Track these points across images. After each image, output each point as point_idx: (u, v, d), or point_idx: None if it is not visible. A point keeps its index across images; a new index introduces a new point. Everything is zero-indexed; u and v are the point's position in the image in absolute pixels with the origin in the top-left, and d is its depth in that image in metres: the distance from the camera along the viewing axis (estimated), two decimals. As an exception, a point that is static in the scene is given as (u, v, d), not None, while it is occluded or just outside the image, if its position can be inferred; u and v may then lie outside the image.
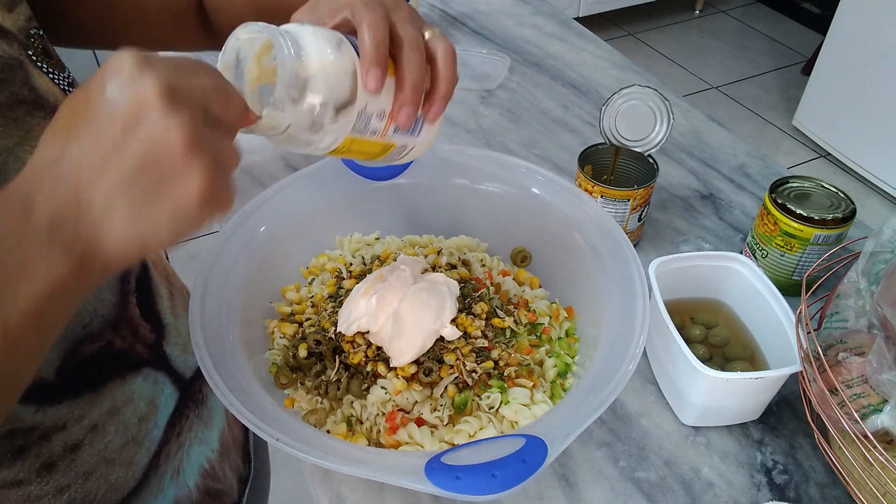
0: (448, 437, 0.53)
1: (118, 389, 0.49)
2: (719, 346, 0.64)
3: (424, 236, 0.71)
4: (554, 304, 0.64)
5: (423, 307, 0.55)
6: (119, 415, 0.49)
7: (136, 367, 0.51)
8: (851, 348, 0.53)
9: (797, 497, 0.55)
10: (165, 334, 0.54)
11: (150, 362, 0.52)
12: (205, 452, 0.59)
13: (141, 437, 0.51)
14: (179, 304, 0.58)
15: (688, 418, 0.60)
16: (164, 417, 0.54)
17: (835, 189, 0.69)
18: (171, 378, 0.55)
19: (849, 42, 2.12)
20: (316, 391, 0.56)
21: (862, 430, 0.48)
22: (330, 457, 0.45)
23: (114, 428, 0.48)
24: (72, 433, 0.45)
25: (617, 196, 0.71)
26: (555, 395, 0.57)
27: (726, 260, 0.65)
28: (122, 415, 0.49)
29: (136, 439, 0.50)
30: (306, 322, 0.61)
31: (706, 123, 0.96)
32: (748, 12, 3.24)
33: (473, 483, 0.42)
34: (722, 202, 0.83)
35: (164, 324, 0.54)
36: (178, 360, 0.56)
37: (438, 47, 0.44)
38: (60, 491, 0.45)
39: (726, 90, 2.72)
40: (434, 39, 0.44)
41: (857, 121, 2.15)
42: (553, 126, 0.95)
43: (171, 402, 0.55)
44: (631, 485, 0.56)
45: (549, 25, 1.19)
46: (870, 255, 0.56)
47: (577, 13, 2.82)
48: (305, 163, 0.87)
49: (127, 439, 0.50)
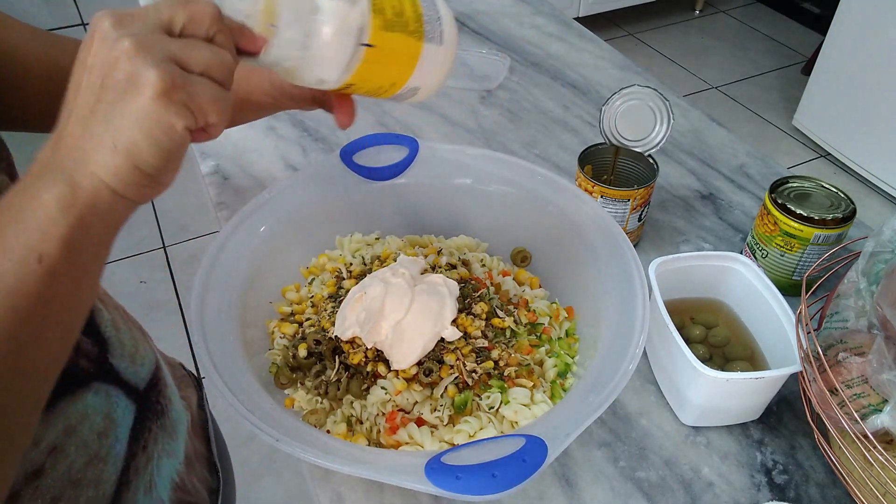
0: (448, 437, 0.53)
1: (70, 407, 0.46)
2: (719, 346, 0.64)
3: (424, 236, 0.71)
4: (554, 304, 0.64)
5: (424, 311, 0.55)
6: (76, 433, 0.46)
7: (84, 382, 0.48)
8: (851, 348, 0.53)
9: (797, 497, 0.55)
10: (109, 347, 0.52)
11: (98, 376, 0.50)
12: (174, 465, 0.57)
13: (104, 454, 0.49)
14: (118, 318, 0.56)
15: (688, 418, 0.60)
16: (125, 431, 0.52)
17: (835, 189, 0.69)
18: (124, 391, 0.52)
19: (849, 42, 2.11)
20: (316, 391, 0.56)
21: (862, 430, 0.48)
22: (330, 457, 0.45)
23: (74, 447, 0.46)
24: (31, 459, 0.43)
25: (617, 196, 0.71)
26: (555, 395, 0.57)
27: (726, 260, 0.65)
28: (79, 433, 0.47)
29: (98, 456, 0.48)
30: (306, 322, 0.61)
31: (706, 123, 0.96)
32: (748, 12, 3.24)
33: (473, 483, 0.42)
34: (722, 202, 0.83)
35: (106, 337, 0.52)
36: (127, 371, 0.53)
37: None
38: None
39: (726, 90, 2.72)
40: None
41: (857, 121, 2.15)
42: (553, 126, 0.95)
43: (128, 415, 0.52)
44: (631, 485, 0.56)
45: (549, 25, 1.19)
46: (870, 255, 0.56)
47: (577, 13, 2.82)
48: (305, 163, 0.87)
49: (90, 457, 0.47)
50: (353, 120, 0.53)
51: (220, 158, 0.86)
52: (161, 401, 0.57)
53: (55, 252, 0.33)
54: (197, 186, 2.20)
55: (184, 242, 2.06)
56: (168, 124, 0.34)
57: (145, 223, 2.11)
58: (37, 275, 0.32)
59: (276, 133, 0.91)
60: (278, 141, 0.90)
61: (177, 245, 2.05)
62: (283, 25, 0.39)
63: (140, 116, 0.33)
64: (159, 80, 0.33)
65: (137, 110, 0.33)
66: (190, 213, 2.15)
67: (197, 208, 2.16)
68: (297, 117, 0.94)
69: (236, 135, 0.90)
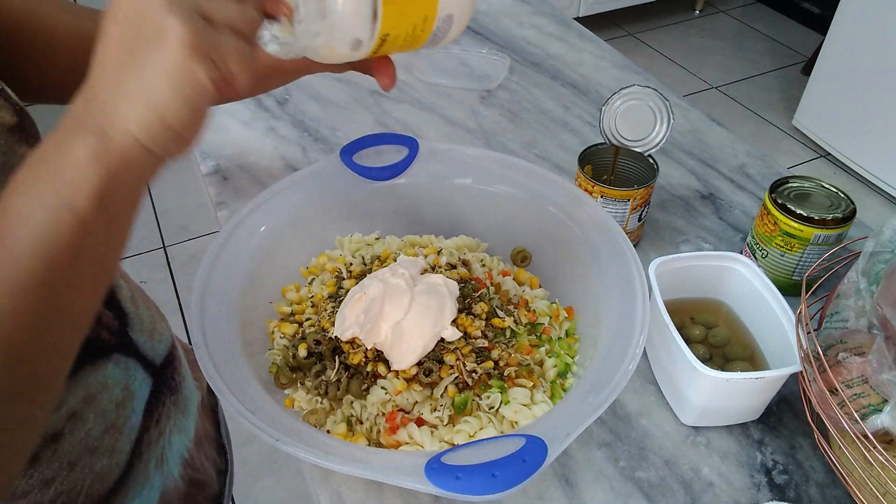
0: (448, 437, 0.53)
1: (91, 375, 0.48)
2: (719, 346, 0.64)
3: (424, 236, 0.70)
4: (554, 304, 0.64)
5: (424, 312, 0.55)
6: (96, 402, 0.48)
7: (106, 353, 0.50)
8: (851, 348, 0.53)
9: (797, 497, 0.55)
10: (128, 321, 0.54)
11: (119, 348, 0.52)
12: (184, 442, 0.59)
13: (120, 424, 0.51)
14: (138, 296, 0.57)
15: (688, 418, 0.60)
16: (141, 403, 0.53)
17: (835, 189, 0.69)
18: (142, 364, 0.54)
19: (849, 42, 2.11)
20: (316, 391, 0.56)
21: (862, 430, 0.48)
22: (330, 457, 0.45)
23: (92, 415, 0.48)
24: (51, 422, 0.45)
25: (617, 196, 0.71)
26: (555, 395, 0.57)
27: (726, 260, 0.65)
28: (98, 401, 0.49)
29: (115, 426, 0.50)
30: (306, 322, 0.61)
31: (706, 123, 0.96)
32: (748, 12, 3.24)
33: (473, 483, 0.42)
34: (722, 202, 0.83)
35: (126, 311, 0.54)
36: (145, 346, 0.55)
37: None
38: (46, 484, 0.45)
39: (726, 90, 2.72)
40: None
41: (857, 121, 2.15)
42: (553, 126, 0.95)
43: (145, 389, 0.54)
44: (631, 485, 0.56)
45: (549, 25, 1.19)
46: (870, 255, 0.56)
47: (577, 13, 2.82)
48: (305, 163, 0.87)
49: (107, 426, 0.49)
50: (395, 81, 0.53)
51: (220, 158, 0.86)
52: (175, 377, 0.59)
53: (87, 204, 0.33)
54: (197, 186, 2.20)
55: (184, 242, 2.06)
56: (193, 76, 0.34)
57: (145, 223, 2.11)
58: (69, 225, 0.33)
59: (276, 133, 0.91)
60: (278, 141, 0.90)
61: (177, 245, 2.05)
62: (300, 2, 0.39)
63: (168, 69, 0.33)
64: (185, 32, 0.33)
65: (164, 62, 0.33)
66: (190, 213, 2.15)
67: (197, 208, 2.16)
68: (297, 117, 0.94)
69: (236, 135, 0.90)
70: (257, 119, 0.93)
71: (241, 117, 0.94)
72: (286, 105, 0.96)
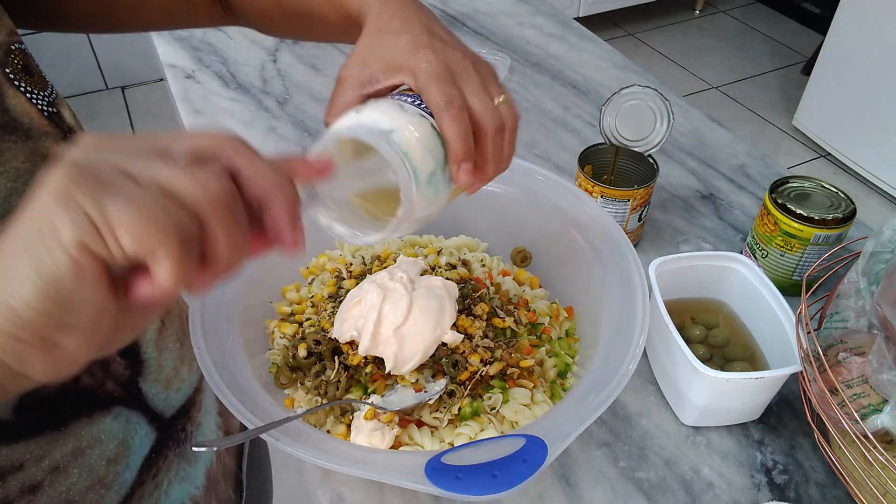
0: (448, 439, 0.53)
1: (83, 429, 0.44)
2: (719, 346, 0.64)
3: (424, 236, 0.70)
4: (554, 304, 0.64)
5: (424, 316, 0.55)
6: (84, 456, 0.44)
7: (106, 406, 0.46)
8: (851, 348, 0.53)
9: (797, 497, 0.55)
10: (143, 370, 0.49)
11: (123, 401, 0.47)
12: (187, 489, 0.55)
13: (109, 480, 0.46)
14: (171, 334, 0.53)
15: (688, 418, 0.60)
16: (138, 459, 0.49)
17: (835, 189, 0.69)
18: (147, 418, 0.50)
19: (849, 42, 2.11)
20: (316, 391, 0.56)
21: (862, 430, 0.48)
22: (330, 457, 0.45)
23: (77, 470, 0.44)
24: (30, 474, 0.41)
25: (617, 196, 0.71)
26: (555, 395, 0.57)
27: (726, 260, 0.65)
28: (87, 456, 0.45)
29: (103, 482, 0.46)
30: (306, 322, 0.61)
31: (706, 123, 0.96)
32: (748, 12, 3.24)
33: (474, 483, 0.42)
34: (722, 202, 0.83)
35: (143, 359, 0.49)
36: (156, 398, 0.51)
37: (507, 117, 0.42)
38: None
39: (726, 90, 2.72)
40: (501, 107, 0.42)
41: (857, 121, 2.15)
42: (553, 126, 0.95)
43: (146, 444, 0.50)
44: (631, 485, 0.56)
45: (549, 25, 1.19)
46: (870, 255, 0.56)
47: (577, 13, 2.82)
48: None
49: (93, 482, 0.45)
50: None
51: (220, 158, 0.86)
52: (188, 427, 0.55)
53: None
54: (197, 186, 2.19)
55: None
56: (54, 234, 0.24)
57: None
58: None
59: (276, 133, 0.91)
60: (278, 141, 0.90)
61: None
62: None
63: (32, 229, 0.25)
64: (63, 175, 0.25)
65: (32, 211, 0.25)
66: (190, 213, 2.14)
67: (197, 208, 2.16)
68: (297, 117, 0.94)
69: (236, 135, 0.90)
70: (257, 119, 0.93)
71: (241, 117, 0.94)
72: (286, 105, 0.96)
